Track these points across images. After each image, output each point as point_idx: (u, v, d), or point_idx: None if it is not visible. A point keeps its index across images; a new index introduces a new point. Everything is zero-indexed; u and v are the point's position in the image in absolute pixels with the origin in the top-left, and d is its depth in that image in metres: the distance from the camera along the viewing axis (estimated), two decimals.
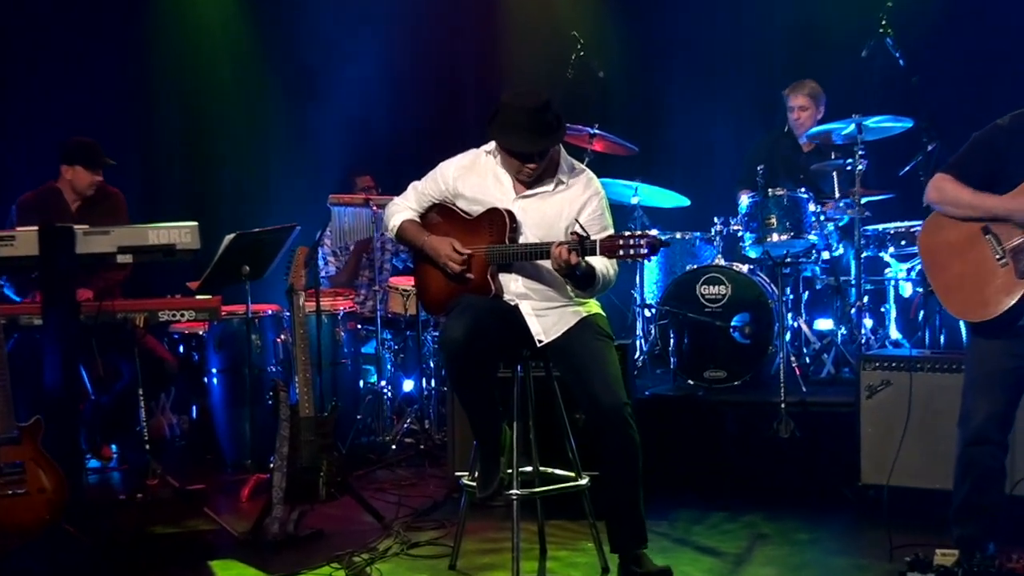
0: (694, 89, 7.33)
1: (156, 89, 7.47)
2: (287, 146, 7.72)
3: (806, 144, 6.42)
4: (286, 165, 7.69)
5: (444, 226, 4.05)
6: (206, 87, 7.58)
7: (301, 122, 7.71)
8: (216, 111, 7.56)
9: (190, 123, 7.58)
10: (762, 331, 5.55)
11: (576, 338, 3.86)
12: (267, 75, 7.71)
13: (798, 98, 6.30)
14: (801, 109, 6.29)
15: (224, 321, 5.57)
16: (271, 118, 7.71)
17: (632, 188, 6.25)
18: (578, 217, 3.82)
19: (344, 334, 5.91)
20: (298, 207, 6.83)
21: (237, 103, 7.62)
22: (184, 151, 7.61)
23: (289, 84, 7.72)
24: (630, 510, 3.78)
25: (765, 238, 5.66)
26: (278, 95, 7.72)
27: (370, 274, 6.64)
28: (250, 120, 7.63)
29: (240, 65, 7.67)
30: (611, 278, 3.85)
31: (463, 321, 3.71)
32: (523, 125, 3.76)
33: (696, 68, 7.35)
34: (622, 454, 3.74)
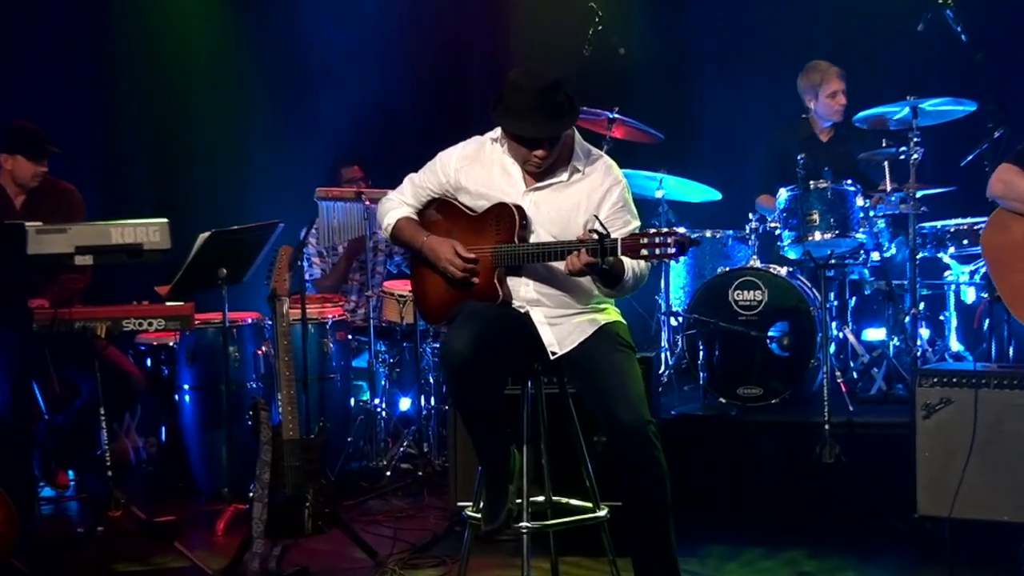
0: (727, 68, 7.32)
1: (119, 73, 7.46)
2: (268, 134, 7.71)
3: (824, 132, 6.41)
4: (267, 155, 7.68)
5: (445, 224, 4.03)
6: (177, 70, 7.58)
7: (284, 107, 7.71)
8: (188, 96, 7.56)
9: (158, 109, 7.58)
10: (803, 342, 5.52)
11: (594, 350, 3.84)
12: (245, 55, 7.71)
13: (834, 82, 6.30)
14: (843, 93, 6.29)
15: (198, 331, 5.55)
16: (250, 103, 7.71)
17: (656, 180, 6.23)
18: (597, 210, 3.80)
19: (333, 345, 5.89)
20: (281, 202, 6.81)
21: (212, 87, 7.62)
22: (152, 141, 7.61)
23: (270, 65, 7.72)
24: (657, 545, 3.75)
25: (806, 237, 5.64)
26: (258, 77, 7.72)
27: (362, 278, 6.61)
28: (227, 105, 7.62)
29: (215, 45, 7.67)
30: (643, 272, 3.82)
31: (467, 331, 3.69)
32: (529, 107, 3.74)
33: (730, 44, 7.33)
34: (647, 481, 3.71)
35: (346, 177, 6.72)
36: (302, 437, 4.48)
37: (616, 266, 3.70)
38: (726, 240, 6.19)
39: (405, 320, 6.10)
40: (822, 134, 6.47)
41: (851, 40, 6.74)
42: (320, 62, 7.70)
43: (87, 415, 5.23)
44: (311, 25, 7.64)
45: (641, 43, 7.27)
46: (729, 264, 6.06)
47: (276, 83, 7.74)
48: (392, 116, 7.90)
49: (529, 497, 3.82)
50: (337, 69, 7.69)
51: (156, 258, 4.13)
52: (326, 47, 7.67)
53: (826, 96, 6.34)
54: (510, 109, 3.78)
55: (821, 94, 6.35)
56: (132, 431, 6.32)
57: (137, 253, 4.09)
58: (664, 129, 6.42)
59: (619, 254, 3.58)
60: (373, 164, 7.01)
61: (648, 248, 3.53)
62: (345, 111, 7.64)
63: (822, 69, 6.34)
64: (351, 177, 6.71)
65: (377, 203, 4.33)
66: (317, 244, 6.59)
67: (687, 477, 4.67)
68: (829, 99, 6.33)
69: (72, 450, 5.58)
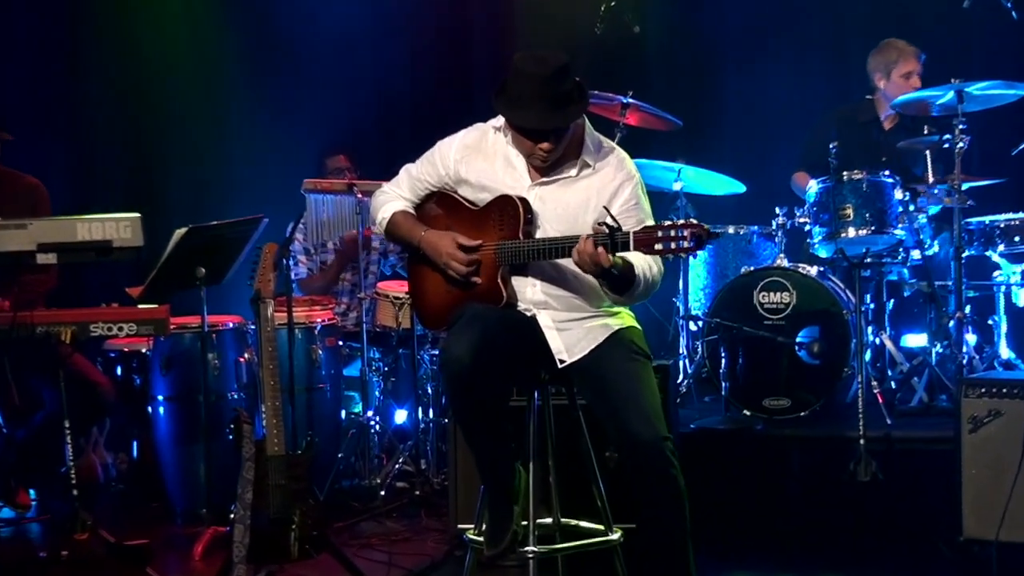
0: (754, 47, 7.31)
1: (88, 55, 7.46)
2: (252, 121, 7.71)
3: (889, 119, 6.38)
4: (250, 144, 7.67)
5: (444, 219, 4.03)
6: (151, 52, 7.56)
7: (269, 92, 7.71)
8: (163, 80, 7.55)
9: (131, 94, 7.56)
10: (835, 349, 5.52)
11: (606, 357, 3.84)
12: (226, 36, 7.70)
13: (911, 62, 6.27)
14: (918, 76, 6.28)
15: (173, 336, 5.55)
16: (231, 87, 7.71)
17: (674, 171, 6.22)
18: (608, 207, 3.78)
19: (322, 352, 5.89)
20: (265, 195, 6.81)
21: (189, 70, 7.61)
22: (124, 128, 7.60)
23: (253, 46, 7.71)
24: (675, 571, 3.76)
25: (839, 233, 5.63)
26: (240, 60, 7.71)
27: (353, 278, 6.61)
28: (206, 90, 7.62)
29: (193, 24, 7.66)
30: (655, 278, 3.83)
31: (468, 336, 3.69)
32: (533, 95, 3.73)
33: (757, 21, 7.33)
34: (663, 501, 3.72)
35: (331, 167, 6.71)
36: (288, 453, 4.47)
37: (626, 270, 3.70)
38: (750, 237, 6.19)
39: (401, 324, 6.09)
40: (886, 120, 6.44)
41: (889, 18, 6.73)
42: (308, 43, 7.70)
43: (50, 429, 5.22)
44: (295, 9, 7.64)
45: (658, 20, 7.29)
46: (754, 263, 6.05)
47: (260, 66, 7.73)
48: (387, 102, 7.90)
49: (536, 519, 3.82)
50: (326, 50, 7.69)
51: (127, 256, 4.12)
52: (314, 26, 7.66)
53: (900, 76, 6.31)
54: (514, 98, 3.77)
55: (894, 73, 6.32)
56: (100, 446, 6.32)
57: (106, 251, 4.09)
58: (683, 115, 6.41)
59: (631, 248, 3.57)
60: (366, 154, 7.01)
61: (663, 242, 3.53)
62: (336, 96, 7.64)
63: (899, 47, 6.33)
64: (336, 167, 6.70)
65: (370, 196, 4.33)
66: (304, 240, 6.58)
67: (708, 497, 4.68)
68: (902, 80, 6.31)
69: (34, 467, 5.58)
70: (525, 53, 3.81)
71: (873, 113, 6.46)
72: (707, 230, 3.53)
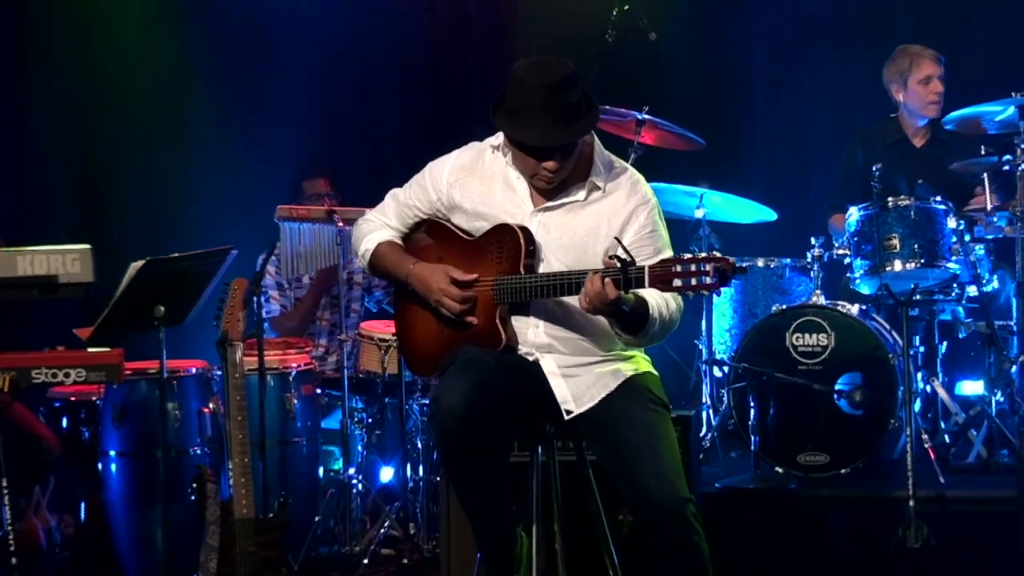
0: (786, 58, 7.34)
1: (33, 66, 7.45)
2: (218, 139, 7.72)
3: (919, 134, 6.40)
4: (217, 165, 7.68)
5: (436, 250, 4.05)
6: (104, 63, 7.57)
7: (237, 107, 7.71)
8: (118, 93, 7.56)
9: (82, 109, 7.57)
10: (880, 398, 5.52)
11: (619, 408, 3.84)
12: (190, 40, 7.71)
13: (927, 65, 6.28)
14: (939, 80, 6.28)
15: (128, 383, 5.54)
16: (195, 102, 7.72)
17: (696, 196, 6.24)
18: (620, 235, 3.80)
19: (297, 402, 5.88)
20: (234, 224, 6.82)
21: (148, 80, 7.61)
22: (73, 147, 7.59)
23: (219, 55, 7.72)
24: None
25: (884, 266, 5.64)
26: (204, 71, 7.71)
27: (333, 317, 6.60)
28: (167, 103, 7.63)
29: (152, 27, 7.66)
30: (672, 317, 3.84)
31: (463, 384, 3.70)
32: (536, 108, 3.75)
33: (789, 29, 7.36)
34: (683, 570, 3.72)
35: (309, 192, 6.72)
36: (258, 516, 4.47)
37: (639, 307, 3.70)
38: (782, 271, 6.19)
39: (387, 370, 6.08)
40: (916, 137, 6.45)
41: (940, 27, 6.75)
42: (283, 51, 7.70)
43: None
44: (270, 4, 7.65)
45: (677, 25, 7.31)
46: (786, 301, 6.07)
47: (228, 76, 7.74)
48: (372, 118, 7.91)
49: None
50: (303, 60, 7.70)
51: (76, 294, 4.12)
52: (291, 32, 7.67)
53: (917, 83, 6.32)
54: (515, 111, 3.79)
55: (911, 81, 6.32)
56: (43, 508, 6.29)
57: (51, 287, 4.08)
58: (706, 133, 6.43)
59: (646, 285, 3.58)
60: (347, 177, 7.02)
61: (682, 278, 3.54)
62: (315, 112, 7.66)
63: (912, 52, 6.33)
64: (316, 192, 6.71)
65: (352, 225, 4.34)
66: (277, 274, 6.58)
67: (735, 567, 4.69)
68: (921, 86, 6.31)
69: None
70: (526, 61, 3.83)
71: (900, 132, 6.46)
72: (733, 264, 3.54)
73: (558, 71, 3.77)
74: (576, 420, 3.87)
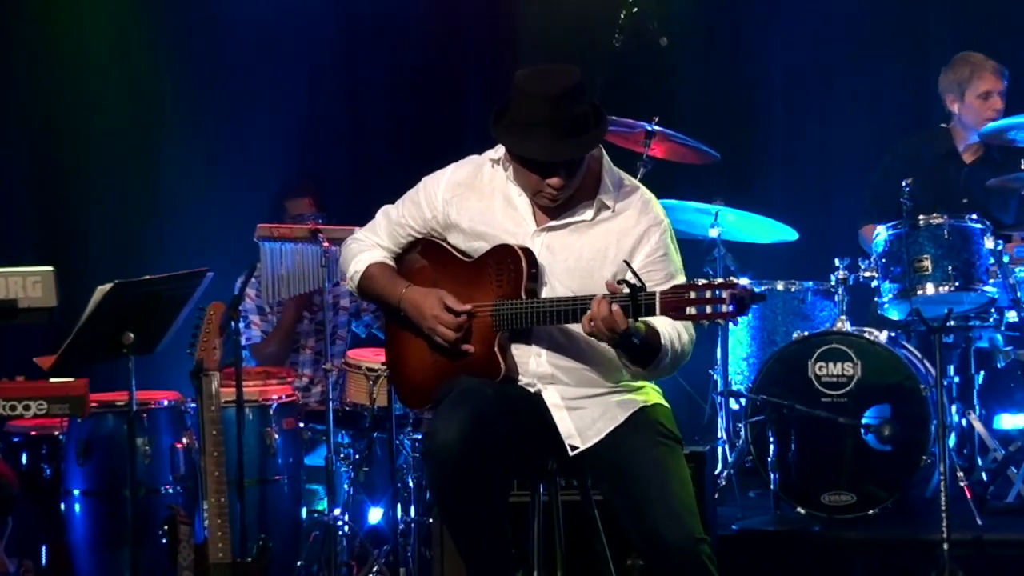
0: (808, 64, 7.36)
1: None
2: (193, 153, 7.72)
3: (970, 150, 6.39)
4: (192, 181, 7.68)
5: (430, 272, 4.06)
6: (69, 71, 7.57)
7: (212, 119, 7.71)
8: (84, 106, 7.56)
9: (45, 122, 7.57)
10: (911, 432, 5.53)
11: (627, 443, 3.85)
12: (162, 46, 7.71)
13: (988, 78, 6.29)
14: (1000, 96, 6.29)
15: (93, 416, 5.53)
16: (169, 111, 7.72)
17: (711, 215, 6.25)
18: (630, 258, 3.81)
19: (279, 437, 5.88)
20: (210, 244, 6.82)
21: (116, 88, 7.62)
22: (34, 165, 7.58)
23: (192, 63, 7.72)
24: None
25: (915, 290, 5.66)
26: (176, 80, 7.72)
27: (317, 345, 6.60)
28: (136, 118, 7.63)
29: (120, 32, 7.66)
30: (685, 348, 3.84)
31: (458, 417, 3.70)
32: (540, 120, 3.76)
33: (813, 32, 7.36)
34: None
35: (292, 212, 6.71)
36: (235, 560, 4.46)
37: (649, 337, 3.71)
38: (804, 295, 6.20)
39: (376, 402, 6.08)
40: (966, 152, 6.44)
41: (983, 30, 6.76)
42: (264, 59, 7.71)
43: None
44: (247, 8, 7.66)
45: (690, 30, 7.33)
46: (809, 327, 6.07)
47: (205, 85, 7.74)
48: (361, 130, 7.91)
49: None
50: (286, 68, 7.71)
51: (37, 319, 4.12)
52: (271, 39, 7.68)
53: (975, 97, 6.32)
54: (516, 123, 3.80)
55: (969, 94, 6.33)
56: (0, 551, 6.29)
57: (10, 312, 4.08)
58: (721, 146, 6.45)
59: (657, 312, 3.58)
60: (334, 194, 7.03)
61: (696, 305, 3.54)
62: (296, 124, 7.66)
63: (974, 62, 6.34)
64: (299, 212, 6.71)
65: (339, 244, 4.34)
66: (257, 297, 6.58)
67: None
68: (979, 101, 6.31)
69: None
70: (529, 70, 3.84)
71: (949, 144, 6.46)
72: (751, 292, 3.55)
73: (563, 80, 3.78)
74: (581, 456, 3.86)
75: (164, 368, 5.95)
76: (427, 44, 7.90)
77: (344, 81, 7.88)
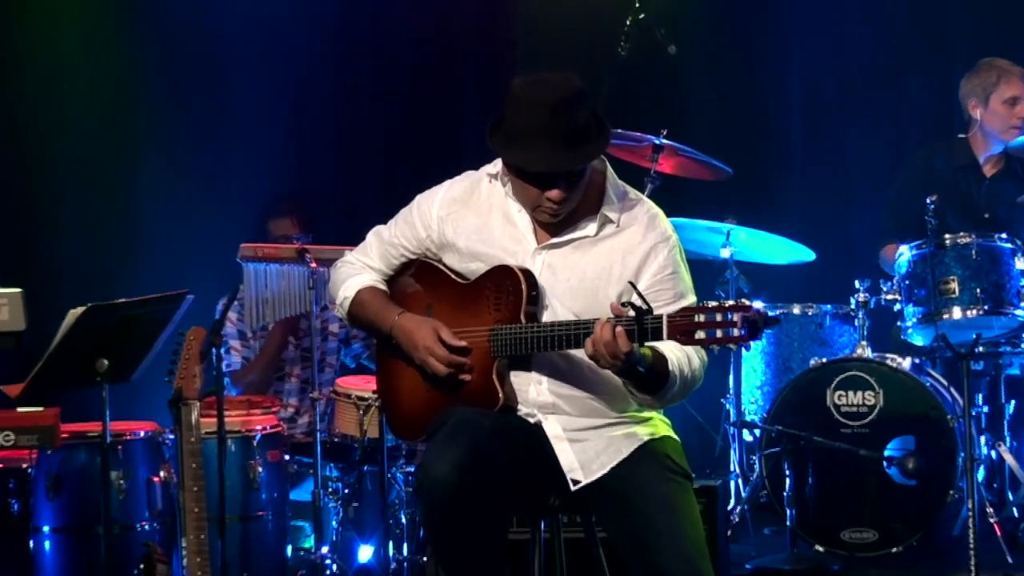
0: (825, 75, 7.37)
1: None
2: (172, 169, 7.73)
3: (991, 162, 6.40)
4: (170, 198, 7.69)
5: (425, 296, 4.06)
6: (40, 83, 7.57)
7: (194, 131, 7.72)
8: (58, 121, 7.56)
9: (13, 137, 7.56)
10: (937, 465, 5.53)
11: (634, 477, 3.84)
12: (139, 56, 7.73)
13: (1016, 84, 6.30)
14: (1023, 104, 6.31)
15: (65, 448, 5.52)
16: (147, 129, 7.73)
17: (722, 233, 6.26)
18: (636, 277, 3.81)
19: (263, 470, 5.87)
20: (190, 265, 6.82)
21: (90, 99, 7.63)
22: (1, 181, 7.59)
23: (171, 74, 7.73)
24: None
25: (940, 314, 5.66)
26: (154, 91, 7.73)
27: (304, 372, 6.60)
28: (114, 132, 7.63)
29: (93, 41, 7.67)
30: (695, 374, 3.84)
31: (454, 450, 3.70)
32: (540, 130, 3.76)
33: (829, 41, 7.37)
34: None
35: (276, 233, 6.70)
36: None
37: (657, 364, 3.70)
38: (822, 319, 6.20)
39: (367, 433, 6.08)
40: (987, 164, 6.44)
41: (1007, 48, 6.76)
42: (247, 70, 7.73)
43: None
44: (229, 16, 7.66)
45: (701, 37, 7.34)
46: (827, 353, 6.07)
47: (183, 97, 7.77)
48: (351, 144, 7.92)
49: None
50: (270, 78, 7.72)
51: (4, 344, 4.13)
52: (255, 49, 7.69)
53: (1001, 102, 6.31)
54: (514, 133, 3.80)
55: (995, 98, 6.32)
56: None
57: None
58: (733, 161, 6.45)
59: (664, 337, 3.58)
60: (322, 214, 7.02)
61: (706, 329, 3.53)
62: (282, 137, 7.67)
63: (1000, 66, 6.34)
64: (283, 234, 6.70)
65: (327, 266, 4.34)
66: (239, 321, 6.58)
67: None
68: (1005, 107, 6.31)
69: None
70: (527, 77, 3.84)
71: (969, 156, 6.45)
72: (764, 315, 3.54)
73: (562, 89, 3.78)
74: (584, 491, 3.85)
75: (140, 397, 5.94)
76: (422, 52, 7.91)
77: (333, 92, 7.89)
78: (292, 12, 7.71)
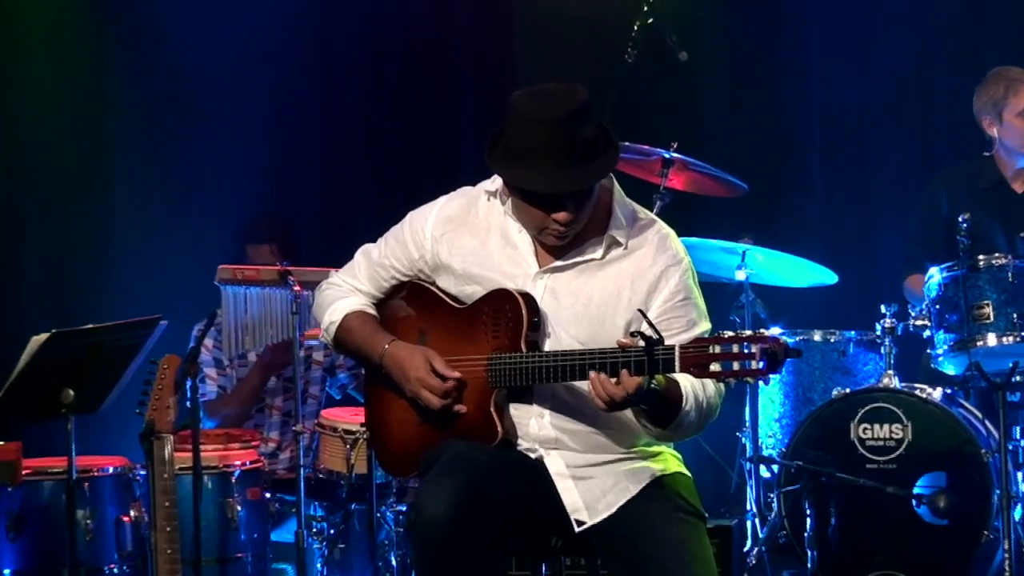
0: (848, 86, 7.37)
1: None
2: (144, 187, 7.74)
3: (1021, 177, 6.40)
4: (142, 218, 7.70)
5: (416, 321, 4.05)
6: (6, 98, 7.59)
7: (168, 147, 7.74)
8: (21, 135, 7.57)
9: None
10: (970, 503, 5.53)
11: (642, 517, 3.84)
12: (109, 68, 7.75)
13: None
14: None
15: (26, 485, 5.51)
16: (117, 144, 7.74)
17: (738, 254, 6.25)
18: (646, 303, 3.81)
19: (241, 509, 5.87)
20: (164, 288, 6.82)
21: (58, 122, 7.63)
22: None
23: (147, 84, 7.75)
24: None
25: (974, 341, 5.65)
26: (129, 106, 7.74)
27: (286, 404, 6.59)
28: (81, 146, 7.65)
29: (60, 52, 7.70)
30: (711, 405, 3.83)
31: (448, 487, 3.69)
32: (544, 147, 3.75)
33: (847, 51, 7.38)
34: None
35: (254, 259, 6.70)
36: None
37: (670, 393, 3.69)
38: (845, 346, 6.20)
39: (354, 469, 6.07)
40: (1016, 181, 6.43)
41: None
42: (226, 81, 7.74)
43: None
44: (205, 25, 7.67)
45: (714, 43, 7.35)
46: (851, 383, 6.06)
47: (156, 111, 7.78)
48: (335, 157, 7.93)
49: None
50: (251, 90, 7.73)
51: None
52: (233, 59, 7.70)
53: (1014, 116, 6.31)
54: (515, 151, 3.79)
55: (1008, 113, 6.32)
56: None
57: None
58: (749, 176, 6.46)
59: (677, 369, 3.57)
60: (306, 232, 7.03)
61: (721, 361, 3.53)
62: (263, 150, 7.68)
63: (1009, 77, 6.33)
64: (262, 261, 6.68)
65: (312, 289, 4.33)
66: (216, 347, 6.57)
67: None
68: (1019, 119, 6.30)
69: None
70: (528, 90, 3.84)
71: (996, 174, 6.44)
72: (784, 346, 3.52)
73: (567, 101, 3.77)
74: (589, 532, 3.85)
75: (109, 430, 5.94)
76: (414, 60, 7.93)
77: (318, 102, 7.90)
78: (271, 18, 7.71)
